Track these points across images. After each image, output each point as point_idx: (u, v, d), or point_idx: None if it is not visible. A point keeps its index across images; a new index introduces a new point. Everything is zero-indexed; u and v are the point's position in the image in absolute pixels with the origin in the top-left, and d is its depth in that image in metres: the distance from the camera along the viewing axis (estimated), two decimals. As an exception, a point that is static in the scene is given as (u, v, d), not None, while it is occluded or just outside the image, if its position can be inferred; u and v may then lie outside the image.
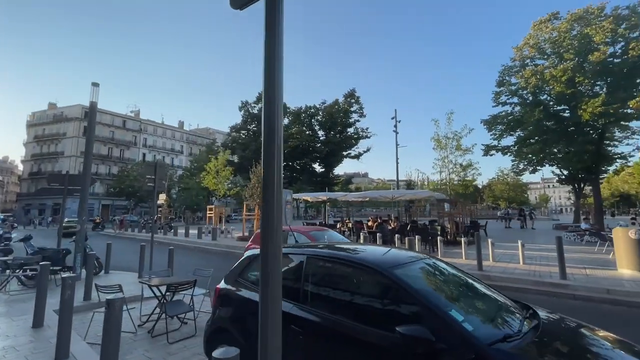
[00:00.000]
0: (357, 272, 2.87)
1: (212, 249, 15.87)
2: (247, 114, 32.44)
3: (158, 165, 8.43)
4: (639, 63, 12.89)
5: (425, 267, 2.97)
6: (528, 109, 16.26)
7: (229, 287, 3.56)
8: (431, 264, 3.07)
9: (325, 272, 3.18)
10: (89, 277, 6.55)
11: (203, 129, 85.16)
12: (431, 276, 2.93)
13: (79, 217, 7.95)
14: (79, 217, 7.94)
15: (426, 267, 2.98)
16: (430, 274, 2.92)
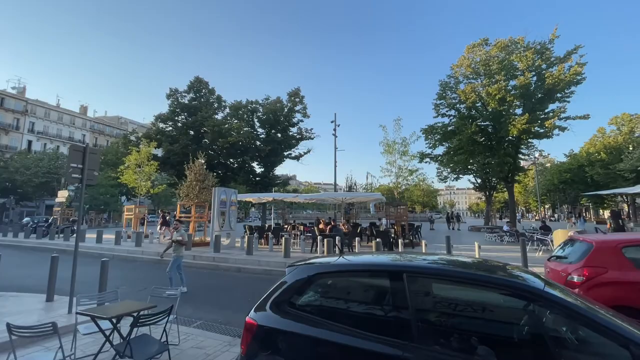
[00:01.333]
0: (498, 296, 2.19)
1: (139, 258, 13.25)
2: (176, 104, 28.89)
3: (88, 151, 6.38)
4: (552, 90, 15.56)
5: (551, 282, 2.46)
6: (463, 121, 18.14)
7: (274, 319, 2.49)
8: (543, 277, 2.58)
9: (445, 297, 2.42)
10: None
11: (112, 117, 73.76)
12: (567, 293, 2.41)
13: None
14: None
15: (551, 282, 2.47)
16: (564, 291, 2.40)
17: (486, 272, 2.37)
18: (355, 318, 2.44)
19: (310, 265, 2.76)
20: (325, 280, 2.70)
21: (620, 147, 37.82)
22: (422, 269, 2.51)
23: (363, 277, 2.72)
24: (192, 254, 12.58)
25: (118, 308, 4.00)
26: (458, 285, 2.34)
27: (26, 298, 6.94)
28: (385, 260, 2.86)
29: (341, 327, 2.23)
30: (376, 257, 3.24)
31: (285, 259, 11.08)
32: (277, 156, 25.83)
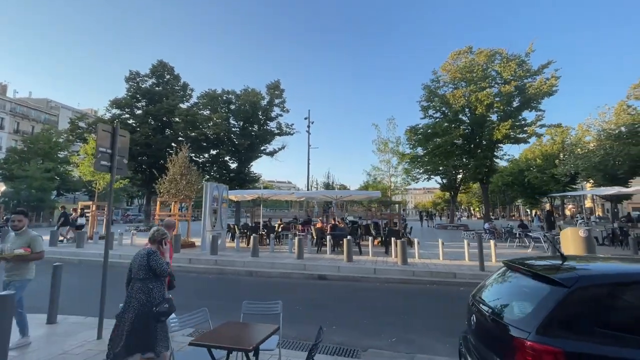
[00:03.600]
0: None
1: (118, 263, 11.32)
2: (137, 88, 25.80)
3: (118, 132, 5.09)
4: (530, 99, 17.01)
5: None
6: (450, 124, 18.97)
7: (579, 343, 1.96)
8: None
9: None
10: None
11: (39, 99, 63.72)
12: None
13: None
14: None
15: None
16: None
17: None
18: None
19: (605, 274, 2.30)
20: (626, 289, 2.25)
21: (554, 154, 43.10)
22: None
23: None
24: (186, 257, 11.13)
25: (243, 333, 3.10)
26: None
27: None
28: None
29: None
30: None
31: (299, 261, 10.32)
32: (253, 151, 24.40)
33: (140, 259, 3.37)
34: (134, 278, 3.36)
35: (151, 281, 3.34)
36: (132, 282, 3.37)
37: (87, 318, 5.66)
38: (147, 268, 3.32)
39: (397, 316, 5.88)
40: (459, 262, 10.26)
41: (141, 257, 3.39)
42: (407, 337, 4.93)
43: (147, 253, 3.40)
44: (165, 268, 3.41)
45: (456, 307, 6.52)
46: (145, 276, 3.32)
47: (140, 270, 3.33)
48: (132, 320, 3.17)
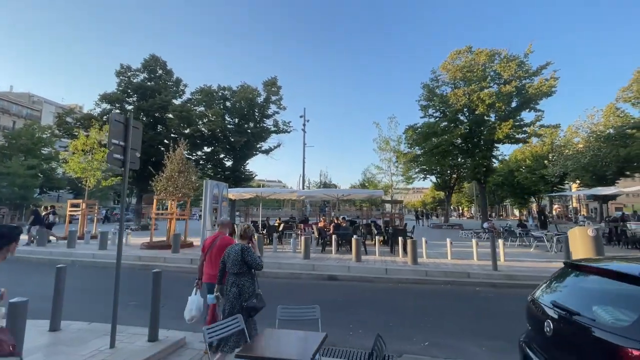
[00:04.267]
0: None
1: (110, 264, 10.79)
2: (128, 83, 24.96)
3: (131, 123, 4.72)
4: (529, 100, 17.17)
5: None
6: (449, 124, 19.00)
7: None
8: None
9: None
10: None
11: (21, 93, 61.34)
12: None
13: None
14: None
15: None
16: None
17: None
18: None
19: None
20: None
21: (543, 154, 43.99)
22: None
23: None
24: (187, 257, 10.71)
25: (291, 343, 2.80)
26: None
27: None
28: None
29: None
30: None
31: (307, 261, 10.04)
32: (249, 149, 23.91)
33: (235, 254, 3.48)
34: (230, 272, 3.50)
35: (244, 275, 3.48)
36: (228, 276, 3.51)
37: (91, 324, 5.26)
38: (241, 263, 3.44)
39: (422, 318, 5.68)
40: (467, 261, 10.17)
41: (235, 252, 3.49)
42: (439, 341, 4.72)
43: (242, 249, 3.50)
44: (259, 262, 3.54)
45: (478, 307, 6.39)
46: (239, 271, 3.45)
47: (234, 265, 3.45)
48: (229, 312, 3.34)
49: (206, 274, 4.29)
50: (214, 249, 4.20)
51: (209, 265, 4.27)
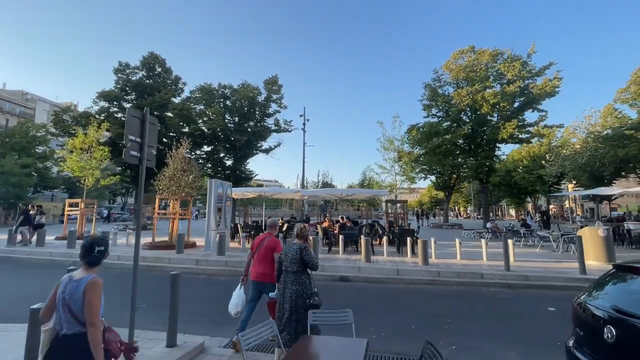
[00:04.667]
0: None
1: (113, 264, 10.53)
2: (126, 81, 24.60)
3: (147, 119, 4.53)
4: (533, 100, 17.18)
5: None
6: (452, 124, 18.95)
7: None
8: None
9: None
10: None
11: (14, 91, 60.25)
12: None
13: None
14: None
15: None
16: None
17: None
18: None
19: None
20: None
21: (541, 155, 44.23)
22: None
23: None
24: (192, 258, 10.48)
25: (334, 351, 2.64)
26: None
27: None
28: None
29: None
30: None
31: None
32: (250, 148, 23.65)
33: (293, 253, 3.62)
34: (286, 271, 3.63)
35: (303, 274, 3.61)
36: (285, 274, 3.64)
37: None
38: (299, 262, 3.58)
39: (442, 320, 5.55)
40: (477, 261, 10.08)
41: (294, 251, 3.63)
42: (466, 344, 4.59)
43: (300, 248, 3.64)
44: (316, 262, 3.70)
45: (497, 309, 6.26)
46: (298, 269, 3.58)
47: (293, 263, 3.58)
48: (291, 309, 3.48)
49: (253, 272, 4.37)
50: (262, 248, 4.31)
51: (256, 263, 4.37)
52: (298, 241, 3.82)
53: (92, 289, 2.13)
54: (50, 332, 2.20)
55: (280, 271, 3.75)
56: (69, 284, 2.17)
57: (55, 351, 2.10)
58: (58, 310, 2.14)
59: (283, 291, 3.59)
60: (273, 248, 4.19)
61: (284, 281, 3.64)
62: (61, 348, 2.07)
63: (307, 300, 3.52)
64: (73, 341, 2.05)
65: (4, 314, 5.69)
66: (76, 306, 2.10)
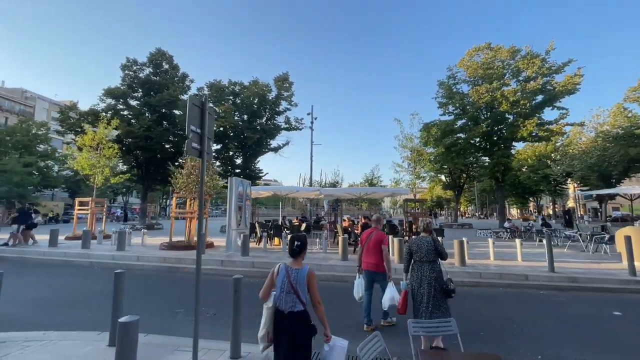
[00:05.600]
0: None
1: (133, 265, 10.08)
2: (134, 78, 24.12)
3: (207, 108, 4.17)
4: (553, 97, 16.90)
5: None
6: (469, 122, 18.63)
7: None
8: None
9: None
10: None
11: (13, 89, 59.31)
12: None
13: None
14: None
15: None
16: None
17: None
18: None
19: None
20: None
21: (547, 154, 44.04)
22: None
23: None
24: (215, 259, 10.07)
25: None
26: None
27: (65, 344, 4.26)
28: None
29: None
30: None
31: (347, 262, 9.53)
32: (260, 146, 23.23)
33: (428, 245, 4.07)
34: (422, 261, 4.03)
35: (436, 263, 4.05)
36: (419, 264, 4.04)
37: (147, 336, 4.62)
38: (435, 252, 4.03)
39: (507, 325, 5.20)
40: (511, 262, 9.75)
41: (428, 243, 4.08)
42: (550, 353, 4.24)
43: (433, 240, 4.13)
44: (446, 252, 4.19)
45: (558, 313, 5.88)
46: (434, 258, 4.03)
47: (429, 254, 4.02)
48: (428, 293, 3.88)
49: (365, 262, 4.93)
50: (371, 241, 4.88)
51: (367, 255, 4.91)
52: (425, 234, 4.25)
53: (313, 277, 2.71)
54: (271, 309, 2.70)
55: (410, 262, 4.20)
56: (291, 272, 2.67)
57: (283, 324, 2.58)
58: (282, 292, 2.63)
59: (420, 280, 3.97)
60: (381, 241, 4.81)
61: (418, 270, 4.02)
62: (289, 321, 2.55)
63: (444, 285, 3.94)
64: (299, 316, 2.57)
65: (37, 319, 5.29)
66: (300, 289, 2.62)
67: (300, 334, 2.54)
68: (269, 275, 2.77)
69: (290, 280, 2.62)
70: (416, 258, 4.08)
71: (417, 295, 3.96)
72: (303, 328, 2.56)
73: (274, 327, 2.66)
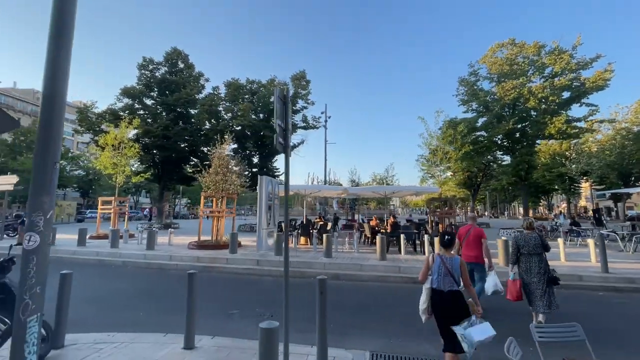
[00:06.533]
0: None
1: (166, 265, 9.95)
2: (150, 77, 24.10)
3: (289, 101, 3.98)
4: (583, 94, 16.57)
5: None
6: (493, 120, 18.31)
7: None
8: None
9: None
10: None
11: (25, 90, 59.93)
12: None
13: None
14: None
15: None
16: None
17: None
18: None
19: None
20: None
21: (561, 152, 43.34)
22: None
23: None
24: (250, 258, 9.91)
25: None
26: None
27: (140, 347, 4.11)
28: None
29: None
30: None
31: (387, 262, 9.32)
32: (278, 145, 23.09)
33: (535, 240, 4.74)
34: (530, 254, 4.74)
35: (543, 255, 4.75)
36: (527, 257, 4.77)
37: (215, 338, 4.44)
38: (542, 246, 4.73)
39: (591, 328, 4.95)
40: (556, 262, 9.44)
41: (535, 239, 4.76)
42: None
43: (539, 236, 4.81)
44: (550, 246, 4.87)
45: (632, 317, 5.60)
46: (541, 251, 4.73)
47: (537, 247, 4.71)
48: (539, 282, 4.62)
49: (465, 255, 5.49)
50: (470, 236, 5.56)
51: (467, 248, 5.56)
52: (529, 231, 4.90)
53: (464, 265, 3.40)
54: (428, 290, 3.45)
55: (517, 256, 4.88)
56: (446, 260, 3.37)
57: (441, 301, 3.27)
58: (439, 275, 3.34)
59: (529, 270, 4.70)
60: (480, 235, 5.49)
61: (527, 262, 4.75)
62: (447, 299, 3.24)
63: (551, 274, 4.67)
64: (455, 294, 3.25)
65: (92, 319, 5.17)
66: (456, 273, 3.30)
67: (458, 306, 3.21)
68: (425, 263, 3.57)
69: (446, 266, 3.32)
70: (524, 252, 4.76)
71: (529, 285, 4.66)
72: (460, 301, 3.24)
73: (433, 302, 3.36)
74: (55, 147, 3.30)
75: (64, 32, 2.82)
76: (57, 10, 2.82)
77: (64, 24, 2.82)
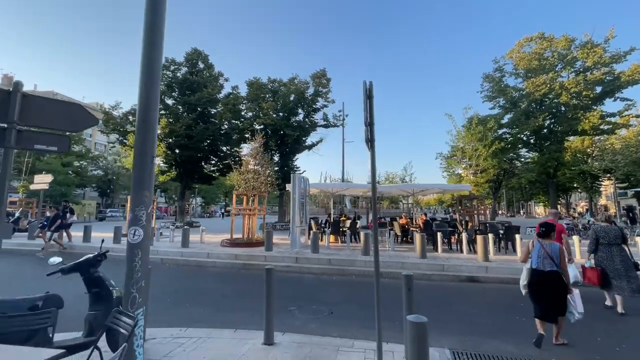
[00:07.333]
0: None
1: (204, 262, 10.05)
2: (172, 77, 24.40)
3: (372, 95, 3.92)
4: (617, 88, 16.10)
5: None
6: (521, 116, 17.96)
7: None
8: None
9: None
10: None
11: (45, 92, 61.09)
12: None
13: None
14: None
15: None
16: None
17: None
18: None
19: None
20: None
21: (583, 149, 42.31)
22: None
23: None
24: (289, 256, 9.93)
25: None
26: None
27: (220, 342, 4.13)
28: None
29: None
30: None
31: (428, 260, 9.22)
32: (298, 144, 23.14)
33: (615, 232, 5.38)
34: (610, 244, 5.35)
35: (622, 245, 5.34)
36: (608, 247, 5.37)
37: (285, 334, 4.43)
38: (621, 237, 5.32)
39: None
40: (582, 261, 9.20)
41: (615, 231, 5.40)
42: None
43: (620, 228, 5.44)
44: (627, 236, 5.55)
45: None
46: (620, 242, 5.32)
47: (617, 238, 5.33)
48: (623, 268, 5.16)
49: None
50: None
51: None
52: (607, 224, 5.54)
53: (562, 251, 4.02)
54: (529, 270, 4.20)
55: (596, 246, 5.50)
56: (545, 245, 4.04)
57: (544, 279, 3.97)
58: (539, 258, 4.04)
59: (611, 259, 5.27)
60: (561, 231, 5.82)
61: (607, 252, 5.34)
62: (547, 278, 3.95)
63: (632, 260, 5.22)
64: (555, 273, 3.91)
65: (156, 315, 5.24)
66: (555, 256, 3.94)
67: (558, 284, 3.88)
68: (525, 248, 4.38)
69: (545, 250, 3.99)
70: (604, 242, 5.34)
71: (611, 272, 5.20)
72: (559, 281, 3.89)
73: (533, 281, 4.09)
74: (153, 142, 3.37)
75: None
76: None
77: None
